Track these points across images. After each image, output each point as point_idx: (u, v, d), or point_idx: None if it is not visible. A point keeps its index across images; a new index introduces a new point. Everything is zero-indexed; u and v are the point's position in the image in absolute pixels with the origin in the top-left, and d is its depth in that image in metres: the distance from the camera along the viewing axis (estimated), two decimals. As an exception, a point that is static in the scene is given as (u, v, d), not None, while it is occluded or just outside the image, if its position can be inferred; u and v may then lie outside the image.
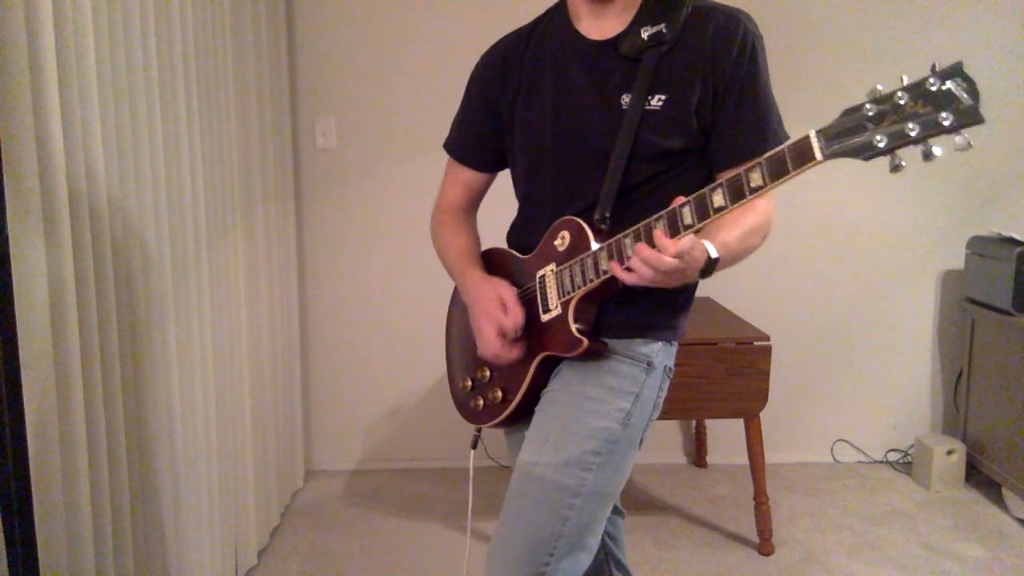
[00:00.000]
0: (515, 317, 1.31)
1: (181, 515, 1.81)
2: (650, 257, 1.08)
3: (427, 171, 2.94)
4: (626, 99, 1.24)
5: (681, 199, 1.11)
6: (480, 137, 1.46)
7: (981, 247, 2.83)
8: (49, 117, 1.28)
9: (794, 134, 1.27)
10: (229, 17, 2.18)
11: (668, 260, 1.08)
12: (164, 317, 1.73)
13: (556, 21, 1.35)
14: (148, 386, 1.66)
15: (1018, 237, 2.68)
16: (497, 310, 1.32)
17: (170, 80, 1.78)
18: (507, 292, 1.34)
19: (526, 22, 1.42)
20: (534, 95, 1.35)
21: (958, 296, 3.04)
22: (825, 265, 3.06)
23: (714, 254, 1.14)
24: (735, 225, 1.19)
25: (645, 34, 1.24)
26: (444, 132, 1.52)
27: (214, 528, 2.04)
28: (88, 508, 1.38)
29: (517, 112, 1.38)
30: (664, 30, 1.23)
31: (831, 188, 2.98)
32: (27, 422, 1.11)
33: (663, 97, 1.23)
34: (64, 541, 1.32)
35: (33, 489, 1.12)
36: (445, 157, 1.53)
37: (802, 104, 2.78)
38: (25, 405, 1.09)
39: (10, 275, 1.05)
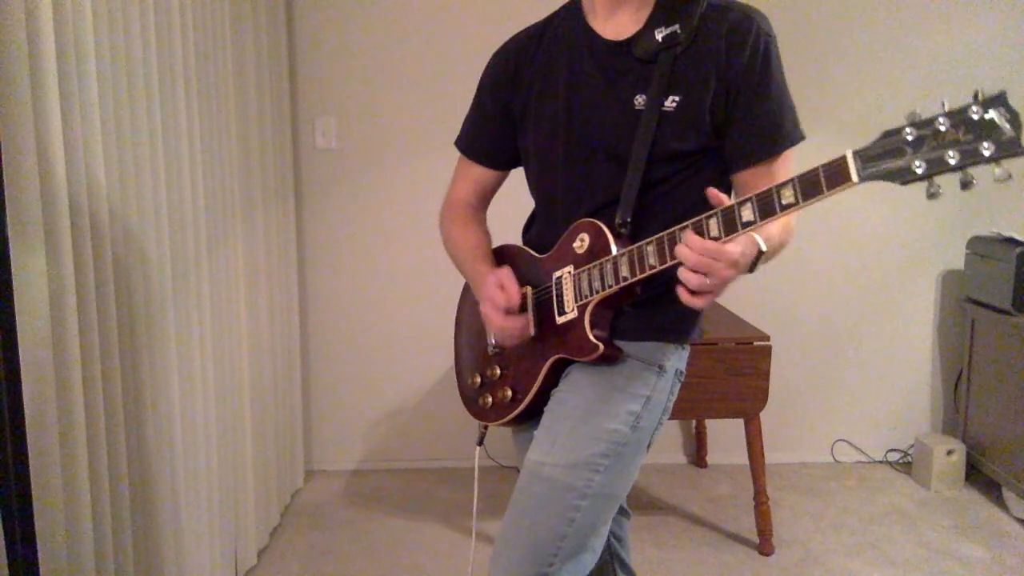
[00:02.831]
0: (511, 293, 1.30)
1: (181, 515, 1.81)
2: (696, 257, 1.05)
3: (427, 171, 2.95)
4: (639, 100, 1.23)
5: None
6: (491, 135, 1.45)
7: (981, 247, 2.83)
8: (49, 117, 1.28)
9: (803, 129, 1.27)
10: (229, 17, 2.18)
11: (713, 262, 1.05)
12: (164, 317, 1.73)
13: (571, 19, 1.34)
14: (148, 386, 1.66)
15: (1018, 237, 2.68)
16: (495, 291, 1.31)
17: (170, 80, 1.78)
18: (503, 272, 1.33)
19: (528, 22, 1.42)
20: (547, 93, 1.34)
21: (958, 296, 3.04)
22: (825, 265, 3.06)
23: (763, 247, 1.13)
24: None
25: (659, 35, 1.23)
26: (444, 131, 1.52)
27: (214, 528, 2.04)
28: (88, 508, 1.38)
29: (529, 110, 1.37)
30: (678, 31, 1.23)
31: (831, 188, 2.97)
32: (27, 422, 1.11)
33: (676, 98, 1.22)
34: (64, 541, 1.32)
35: (33, 489, 1.11)
36: (445, 156, 1.52)
37: (806, 103, 2.79)
38: (25, 405, 1.08)
39: (10, 275, 1.05)
